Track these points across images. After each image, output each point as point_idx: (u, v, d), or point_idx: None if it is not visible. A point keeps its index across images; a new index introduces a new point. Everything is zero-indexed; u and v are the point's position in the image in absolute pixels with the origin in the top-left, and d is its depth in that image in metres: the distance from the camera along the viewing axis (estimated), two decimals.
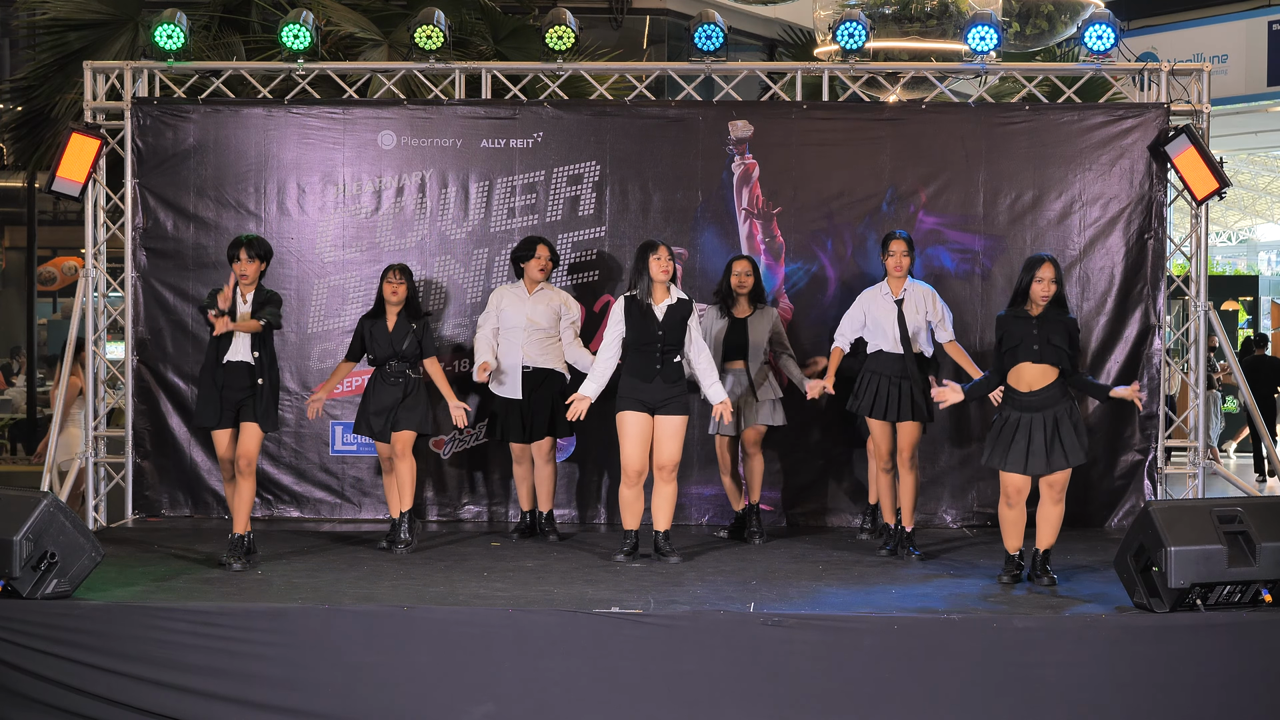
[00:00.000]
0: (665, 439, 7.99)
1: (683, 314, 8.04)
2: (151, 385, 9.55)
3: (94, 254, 9.69)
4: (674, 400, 8.00)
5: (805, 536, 9.08)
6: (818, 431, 9.46)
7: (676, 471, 8.07)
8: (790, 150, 9.50)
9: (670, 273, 8.02)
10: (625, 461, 7.99)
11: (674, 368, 8.03)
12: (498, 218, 9.54)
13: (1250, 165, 23.86)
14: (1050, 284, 7.35)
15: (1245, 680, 6.49)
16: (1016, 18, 13.87)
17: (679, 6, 16.72)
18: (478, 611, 6.69)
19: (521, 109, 9.59)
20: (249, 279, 7.87)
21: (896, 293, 8.30)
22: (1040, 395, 7.34)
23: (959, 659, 6.49)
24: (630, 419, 7.97)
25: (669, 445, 7.99)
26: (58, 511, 6.82)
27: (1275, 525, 6.66)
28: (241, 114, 9.59)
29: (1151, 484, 9.39)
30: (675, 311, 8.03)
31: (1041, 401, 7.33)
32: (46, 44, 11.89)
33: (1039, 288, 7.36)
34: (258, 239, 7.99)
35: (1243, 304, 19.27)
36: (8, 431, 16.31)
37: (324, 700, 6.55)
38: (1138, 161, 9.39)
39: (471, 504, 9.60)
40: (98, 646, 6.60)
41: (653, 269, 7.98)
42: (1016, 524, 7.51)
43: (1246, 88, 17.45)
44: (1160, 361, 9.41)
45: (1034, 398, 7.34)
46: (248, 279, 7.87)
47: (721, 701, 6.48)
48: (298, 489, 9.57)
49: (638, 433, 7.96)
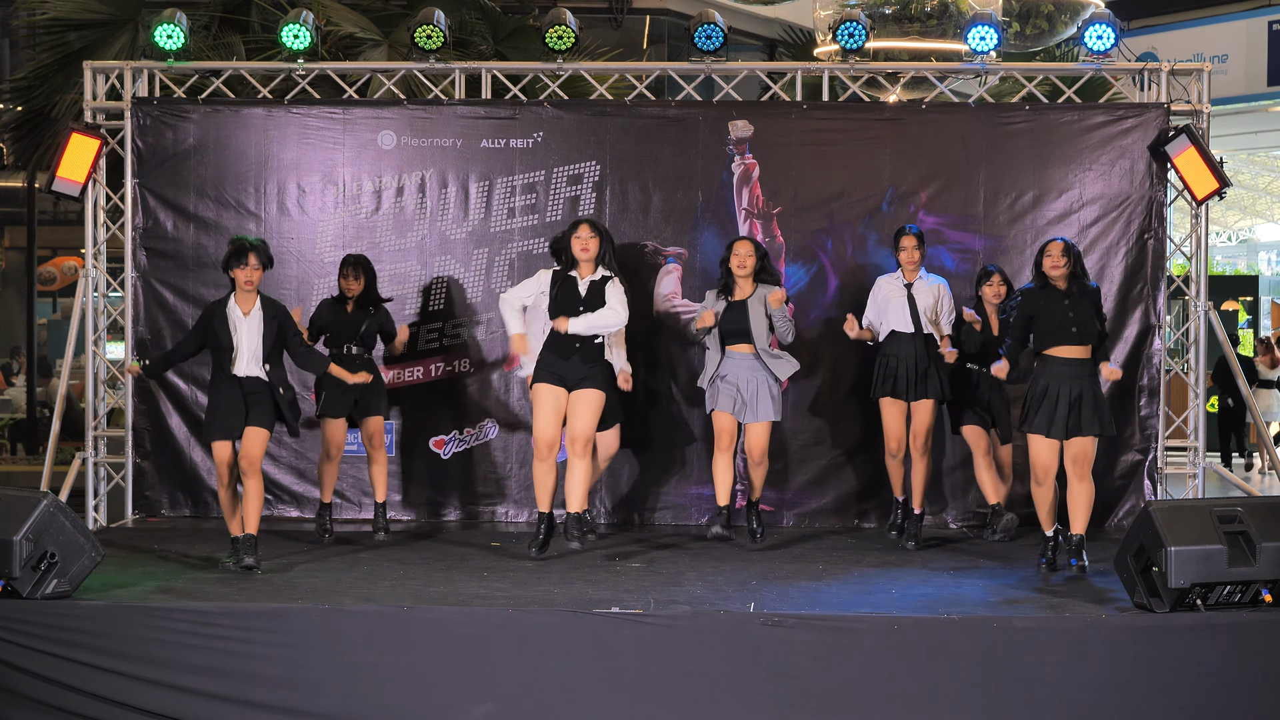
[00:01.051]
0: (579, 412, 7.97)
1: (603, 289, 8.05)
2: (151, 385, 9.55)
3: (94, 254, 9.69)
4: (591, 377, 8.01)
5: (805, 536, 9.08)
6: (820, 430, 9.46)
7: (590, 448, 8.03)
8: (790, 150, 9.49)
9: (591, 252, 8.04)
10: (537, 434, 7.96)
11: (593, 347, 8.05)
12: (498, 218, 9.54)
13: (1250, 165, 23.85)
14: (1060, 256, 7.76)
15: (1245, 680, 6.49)
16: (1016, 18, 13.87)
17: (679, 6, 16.72)
18: (478, 611, 6.68)
19: (521, 109, 9.59)
20: (253, 285, 7.77)
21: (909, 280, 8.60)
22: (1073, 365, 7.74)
23: (959, 659, 6.49)
24: (545, 390, 7.98)
25: (583, 418, 7.97)
26: (58, 511, 6.82)
27: (1275, 525, 6.66)
28: (241, 114, 9.59)
29: (1151, 484, 9.39)
30: (597, 286, 8.06)
31: (1074, 371, 7.73)
32: (46, 44, 11.88)
33: (1048, 261, 7.79)
34: (263, 244, 7.86)
35: (1243, 304, 19.25)
36: (8, 431, 16.31)
37: (324, 700, 6.54)
38: (1138, 161, 9.39)
39: (471, 504, 9.59)
40: (98, 646, 6.60)
41: (573, 247, 8.05)
42: (1045, 502, 7.83)
43: (1246, 88, 17.45)
44: (1160, 362, 9.41)
45: (1068, 367, 7.73)
46: (252, 285, 7.76)
47: (721, 701, 6.48)
48: (298, 489, 9.57)
49: (551, 405, 7.95)
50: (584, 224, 8.15)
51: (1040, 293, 7.82)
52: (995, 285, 8.79)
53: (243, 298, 7.73)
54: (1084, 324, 7.72)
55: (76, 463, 9.53)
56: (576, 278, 8.12)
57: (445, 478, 9.60)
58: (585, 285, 8.09)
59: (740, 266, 8.44)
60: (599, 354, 8.08)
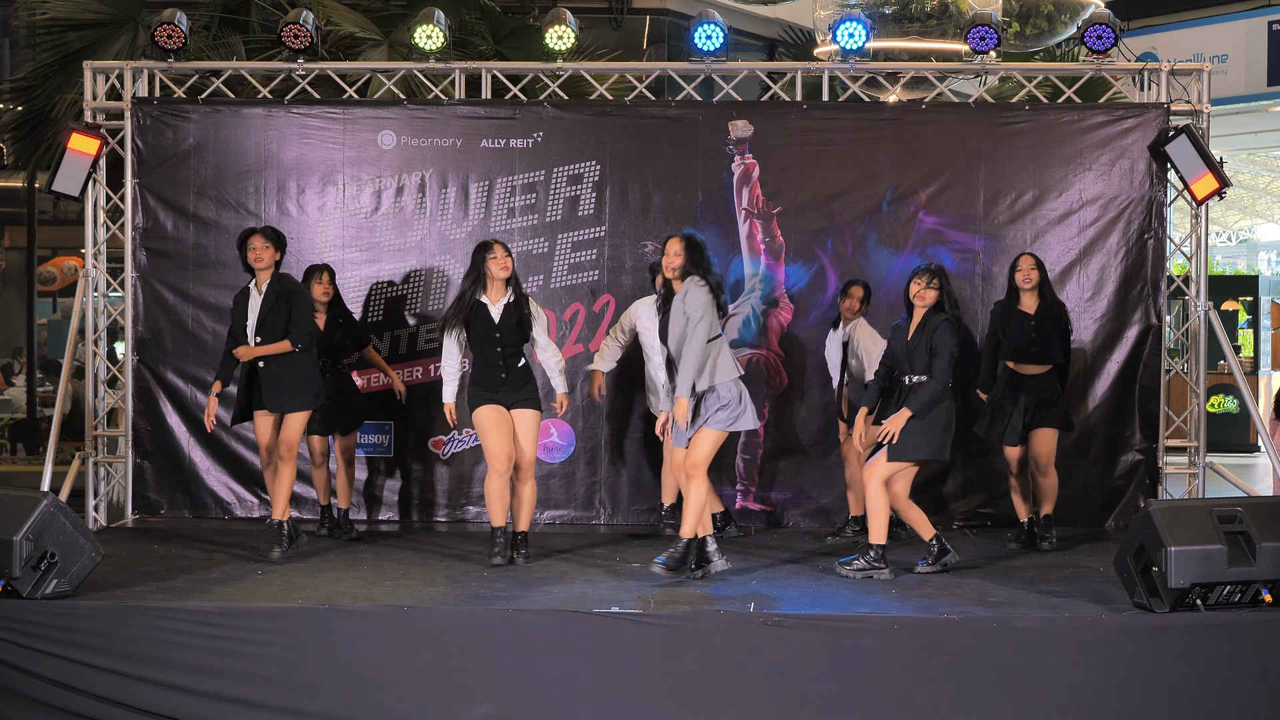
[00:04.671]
0: (521, 434, 7.93)
1: (519, 314, 7.93)
2: (151, 385, 9.55)
3: (94, 254, 9.69)
4: (524, 399, 7.93)
5: (805, 536, 9.08)
6: (820, 430, 9.46)
7: (534, 470, 8.01)
8: (790, 150, 9.49)
9: (508, 270, 7.92)
10: (493, 451, 7.85)
11: (519, 373, 7.95)
12: (498, 218, 9.54)
13: (1250, 165, 23.85)
14: (1031, 271, 8.39)
15: (1245, 680, 6.49)
16: (1016, 18, 13.86)
17: (679, 6, 16.70)
18: (478, 611, 6.69)
19: (521, 109, 9.59)
20: (264, 263, 7.98)
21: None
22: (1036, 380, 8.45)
23: (959, 659, 6.49)
24: (489, 411, 7.86)
25: (527, 440, 7.94)
26: (58, 511, 6.82)
27: (1275, 525, 6.66)
28: (241, 114, 9.59)
29: (1152, 484, 9.39)
30: (511, 312, 7.92)
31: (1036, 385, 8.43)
32: (46, 44, 11.88)
33: (1019, 276, 8.41)
34: (269, 227, 8.20)
35: (1243, 304, 19.23)
36: (8, 431, 16.30)
37: (324, 700, 6.54)
38: (1138, 161, 9.39)
39: (471, 504, 9.59)
40: (98, 646, 6.60)
41: (490, 268, 7.86)
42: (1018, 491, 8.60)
43: (1246, 88, 17.43)
44: (1160, 362, 9.41)
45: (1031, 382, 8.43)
46: (263, 263, 7.97)
47: (721, 701, 6.48)
48: (297, 489, 9.53)
49: (499, 423, 7.86)
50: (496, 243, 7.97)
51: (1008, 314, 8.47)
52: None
53: (259, 277, 8.03)
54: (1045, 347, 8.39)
55: (76, 463, 9.52)
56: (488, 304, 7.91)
57: (445, 478, 9.60)
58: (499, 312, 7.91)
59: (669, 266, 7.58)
60: (526, 376, 8.00)
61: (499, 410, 7.88)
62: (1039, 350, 8.39)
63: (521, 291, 8.00)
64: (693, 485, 7.40)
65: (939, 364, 7.51)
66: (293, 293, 8.03)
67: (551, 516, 9.53)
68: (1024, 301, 8.43)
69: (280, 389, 8.00)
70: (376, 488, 9.61)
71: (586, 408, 9.48)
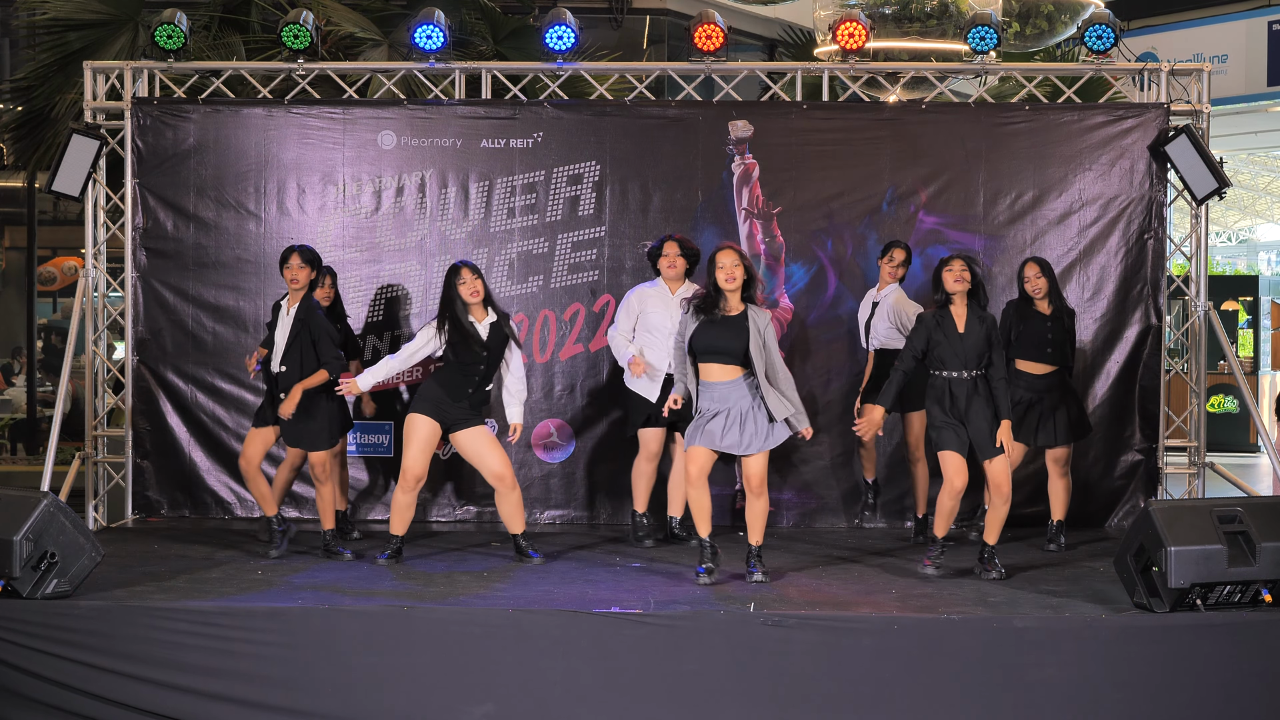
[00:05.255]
0: (485, 453, 7.89)
1: (503, 334, 7.92)
2: (151, 385, 9.55)
3: (94, 254, 9.69)
4: (469, 419, 7.90)
5: (805, 536, 9.08)
6: (820, 430, 9.45)
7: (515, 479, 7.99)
8: (790, 150, 9.50)
9: (481, 294, 7.88)
10: (407, 465, 7.82)
11: (483, 395, 7.99)
12: (498, 218, 9.54)
13: (1250, 165, 23.85)
14: (1039, 278, 8.28)
15: (1245, 680, 6.49)
16: (1016, 18, 13.85)
17: (679, 6, 16.70)
18: (478, 611, 6.69)
19: (521, 109, 9.59)
20: (299, 284, 7.98)
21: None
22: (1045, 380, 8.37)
23: (959, 659, 6.49)
24: (422, 423, 7.82)
25: (493, 455, 7.90)
26: (58, 511, 6.82)
27: (1275, 525, 6.66)
28: (241, 114, 9.59)
29: (1152, 484, 9.39)
30: (497, 330, 7.91)
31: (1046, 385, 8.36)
32: (46, 44, 11.88)
33: (1028, 287, 8.31)
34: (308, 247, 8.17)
35: (1243, 304, 19.22)
36: (8, 431, 16.29)
37: (324, 700, 6.55)
38: (1138, 161, 9.40)
39: (471, 504, 9.59)
40: (98, 646, 6.60)
41: (462, 293, 7.83)
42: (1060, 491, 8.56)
43: (1246, 88, 17.43)
44: (1160, 362, 9.41)
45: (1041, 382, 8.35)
46: (298, 284, 7.97)
47: (721, 701, 6.48)
48: (297, 489, 9.55)
49: (426, 439, 7.83)
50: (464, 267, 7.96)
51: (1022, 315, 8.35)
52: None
53: (291, 296, 8.05)
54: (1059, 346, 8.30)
55: (76, 463, 9.52)
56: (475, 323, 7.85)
57: (445, 478, 9.60)
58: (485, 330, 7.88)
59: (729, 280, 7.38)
60: (486, 399, 8.04)
61: (434, 428, 7.85)
62: (1055, 351, 8.32)
63: (500, 310, 8.01)
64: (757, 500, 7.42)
65: (999, 355, 7.58)
66: (310, 320, 7.96)
67: (552, 516, 9.53)
68: (1038, 304, 8.37)
69: (301, 430, 8.01)
70: (376, 488, 9.60)
71: (587, 407, 9.48)
